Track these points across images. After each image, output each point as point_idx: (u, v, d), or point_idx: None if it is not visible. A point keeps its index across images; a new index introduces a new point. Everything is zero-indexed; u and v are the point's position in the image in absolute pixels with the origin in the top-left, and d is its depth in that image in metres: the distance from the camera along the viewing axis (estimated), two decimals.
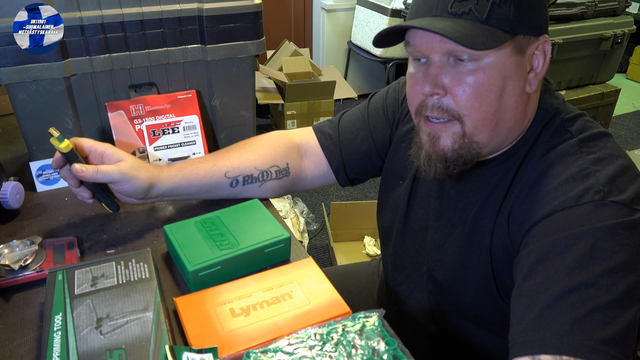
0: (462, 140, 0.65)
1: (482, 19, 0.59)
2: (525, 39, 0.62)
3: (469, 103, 0.62)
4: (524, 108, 0.66)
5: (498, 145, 0.68)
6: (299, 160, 0.89)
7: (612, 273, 0.53)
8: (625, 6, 2.76)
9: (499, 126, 0.65)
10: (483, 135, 0.65)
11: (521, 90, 0.64)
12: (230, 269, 0.70)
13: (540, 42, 0.63)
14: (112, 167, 0.73)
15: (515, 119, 0.65)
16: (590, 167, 0.60)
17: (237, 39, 0.98)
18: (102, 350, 0.53)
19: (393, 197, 0.86)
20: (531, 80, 0.65)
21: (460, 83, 0.62)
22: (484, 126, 0.64)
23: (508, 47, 0.61)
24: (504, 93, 0.63)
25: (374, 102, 0.89)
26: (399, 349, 0.52)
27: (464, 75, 0.62)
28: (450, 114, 0.64)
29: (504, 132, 0.66)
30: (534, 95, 0.67)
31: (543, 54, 0.64)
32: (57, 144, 0.71)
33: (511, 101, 0.64)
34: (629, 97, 3.84)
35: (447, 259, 0.75)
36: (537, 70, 0.64)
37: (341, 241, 2.16)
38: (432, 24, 0.60)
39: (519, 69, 0.63)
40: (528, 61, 0.64)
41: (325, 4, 3.36)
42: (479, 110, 0.63)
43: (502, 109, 0.63)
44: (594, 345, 0.50)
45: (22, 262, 0.69)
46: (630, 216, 0.56)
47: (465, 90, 0.62)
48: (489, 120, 0.64)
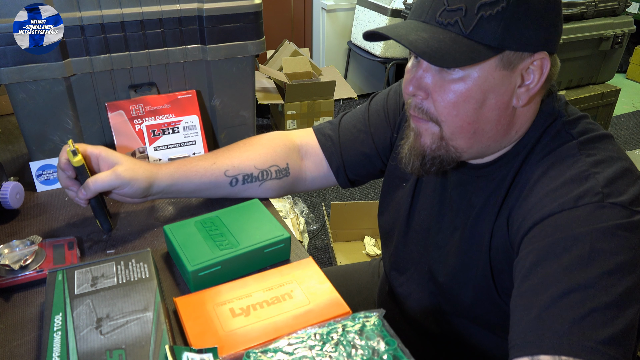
0: (440, 142, 0.66)
1: (465, 32, 0.59)
2: (516, 54, 0.60)
3: (446, 110, 0.64)
4: (509, 120, 0.65)
5: (482, 151, 0.68)
6: (299, 160, 0.89)
7: (611, 274, 0.53)
8: (625, 6, 2.76)
9: (478, 135, 0.65)
10: (460, 142, 0.66)
11: (505, 105, 0.63)
12: (230, 269, 0.70)
13: (536, 58, 0.61)
14: (108, 175, 0.73)
15: (496, 130, 0.65)
16: (590, 169, 0.60)
17: (237, 39, 0.98)
18: (102, 350, 0.53)
19: (395, 198, 0.86)
20: (521, 95, 0.63)
21: (441, 89, 0.63)
22: (461, 133, 0.65)
23: (493, 61, 0.60)
24: (483, 105, 0.63)
25: (375, 104, 0.89)
26: (399, 349, 0.52)
27: (446, 82, 0.62)
28: (429, 116, 0.66)
29: (484, 141, 0.66)
30: (528, 105, 0.65)
31: (540, 70, 0.62)
32: (71, 157, 0.71)
33: (492, 114, 0.63)
34: (629, 97, 3.84)
35: (448, 260, 0.75)
36: (530, 85, 0.63)
37: (341, 241, 2.16)
38: (409, 33, 0.60)
39: (505, 84, 0.62)
40: (519, 76, 0.62)
41: (325, 4, 3.36)
42: (456, 119, 0.64)
43: (480, 120, 0.64)
44: (593, 346, 0.50)
45: (22, 262, 0.69)
46: (630, 218, 0.56)
47: (443, 97, 0.63)
48: (465, 128, 0.64)
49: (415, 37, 0.59)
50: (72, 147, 0.71)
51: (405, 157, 0.71)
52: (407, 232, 0.83)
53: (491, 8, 0.57)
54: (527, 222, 0.61)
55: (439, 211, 0.77)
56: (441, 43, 0.59)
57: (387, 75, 3.34)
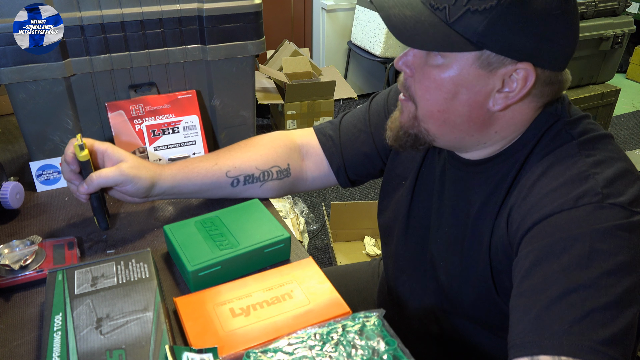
0: (414, 121, 0.69)
1: (448, 21, 0.59)
2: (497, 57, 0.60)
3: (420, 92, 0.66)
4: (484, 120, 0.65)
5: (458, 143, 0.69)
6: (300, 161, 0.89)
7: (611, 274, 0.53)
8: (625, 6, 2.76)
9: (448, 125, 0.66)
10: (431, 126, 0.67)
11: (478, 104, 0.63)
12: (230, 269, 0.70)
13: (519, 67, 0.60)
14: (112, 170, 0.73)
15: (468, 126, 0.65)
16: (590, 169, 0.60)
17: (237, 39, 0.98)
18: (102, 350, 0.53)
19: (395, 197, 0.86)
20: (498, 100, 0.63)
21: (421, 72, 0.65)
22: (431, 119, 0.66)
23: (470, 57, 0.60)
24: (455, 98, 0.63)
25: (375, 104, 0.89)
26: (399, 349, 0.52)
27: (427, 67, 0.64)
28: (409, 95, 0.68)
29: (456, 133, 0.66)
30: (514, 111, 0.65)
31: (523, 81, 0.60)
32: (77, 152, 0.72)
33: (462, 109, 0.64)
34: (629, 97, 3.84)
35: (448, 258, 0.75)
36: (510, 94, 0.62)
37: (341, 241, 2.16)
38: (394, 7, 0.61)
39: (480, 84, 0.61)
40: (500, 80, 0.61)
41: (325, 4, 3.36)
42: (427, 103, 0.65)
43: (450, 111, 0.64)
44: (592, 346, 0.50)
45: (22, 262, 0.69)
46: (629, 218, 0.56)
47: (421, 80, 0.65)
48: (434, 115, 0.66)
49: (397, 12, 0.61)
50: (80, 141, 0.71)
51: (388, 129, 0.74)
52: (407, 230, 0.83)
53: (480, 4, 0.57)
54: (527, 222, 0.61)
55: (438, 208, 0.77)
56: (418, 24, 0.59)
57: (387, 75, 3.34)
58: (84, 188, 0.73)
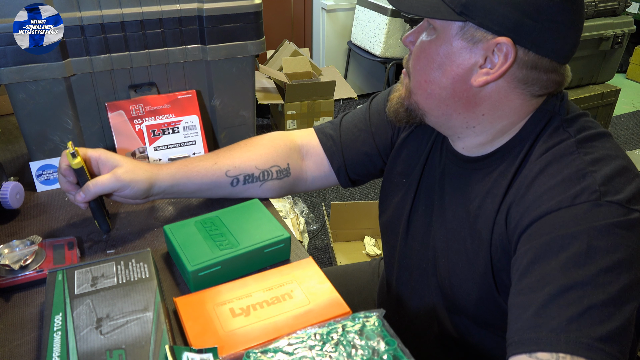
0: (408, 94, 0.72)
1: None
2: (479, 31, 0.61)
3: (413, 63, 0.70)
4: (468, 97, 0.66)
5: (447, 122, 0.70)
6: (300, 160, 0.89)
7: (608, 272, 0.53)
8: (625, 6, 2.76)
9: (433, 98, 0.68)
10: (419, 98, 0.70)
11: (459, 77, 0.65)
12: (230, 269, 0.70)
13: (499, 41, 0.60)
14: (108, 177, 0.73)
15: (454, 101, 0.67)
16: (587, 167, 0.60)
17: (237, 39, 0.98)
18: (102, 350, 0.53)
19: (396, 196, 0.86)
20: (479, 75, 0.64)
21: (417, 45, 0.69)
22: (419, 89, 0.70)
23: (454, 28, 0.63)
24: (439, 69, 0.66)
25: (375, 104, 0.89)
26: (399, 349, 0.52)
27: (422, 40, 0.68)
28: (407, 69, 0.72)
29: (444, 108, 0.69)
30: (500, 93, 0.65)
31: (504, 57, 0.61)
32: (70, 159, 0.71)
33: (446, 81, 0.66)
34: (629, 97, 3.84)
35: (449, 256, 0.75)
36: (491, 70, 0.63)
37: (341, 241, 2.16)
38: None
39: (462, 56, 0.64)
40: (481, 55, 0.63)
41: (325, 4, 3.36)
42: (417, 73, 0.69)
43: (434, 82, 0.67)
44: (590, 343, 0.50)
45: (22, 262, 0.69)
46: (627, 216, 0.56)
47: (416, 52, 0.69)
48: (422, 86, 0.69)
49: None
50: (71, 149, 0.71)
51: (389, 101, 0.77)
52: (409, 228, 0.83)
53: None
54: (525, 220, 0.61)
55: (440, 206, 0.77)
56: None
57: (387, 75, 3.34)
58: (80, 197, 0.73)
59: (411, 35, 0.71)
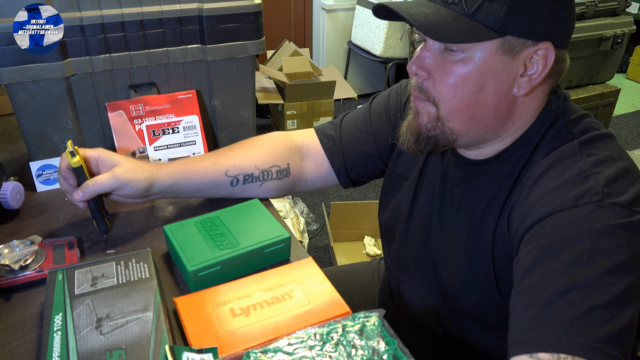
0: (436, 122, 0.67)
1: (468, 12, 0.60)
2: (519, 41, 0.61)
3: (444, 90, 0.65)
4: (508, 109, 0.65)
5: (479, 138, 0.68)
6: (300, 161, 0.89)
7: (610, 273, 0.53)
8: (625, 6, 2.76)
9: (475, 119, 0.66)
10: (457, 124, 0.66)
11: (505, 91, 0.64)
12: (230, 269, 0.70)
13: (540, 47, 0.61)
14: (106, 176, 0.73)
15: (495, 117, 0.65)
16: (590, 169, 0.60)
17: (237, 39, 0.98)
18: (102, 350, 0.53)
19: (396, 197, 0.86)
20: (522, 84, 0.63)
21: (441, 70, 0.64)
22: (457, 115, 0.66)
23: (494, 45, 0.61)
24: (482, 89, 0.63)
25: (376, 105, 0.89)
26: (399, 349, 0.52)
27: (448, 63, 0.63)
28: (427, 95, 0.67)
29: (482, 127, 0.66)
30: (531, 97, 0.66)
31: (544, 60, 0.62)
32: (69, 158, 0.71)
33: (491, 99, 0.64)
34: (629, 97, 3.84)
35: (451, 257, 0.75)
36: (533, 75, 0.63)
37: (341, 241, 2.16)
38: (412, 7, 0.61)
39: (506, 70, 0.62)
40: (522, 65, 0.62)
41: (325, 4, 3.36)
42: (453, 100, 0.65)
43: (478, 104, 0.64)
44: (592, 344, 0.50)
45: (22, 262, 0.69)
46: (629, 217, 0.56)
47: (443, 78, 0.64)
48: (462, 111, 0.65)
49: (417, 11, 0.61)
50: (70, 147, 0.71)
51: (403, 135, 0.72)
52: (408, 229, 0.83)
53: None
54: (527, 221, 0.61)
55: (440, 208, 0.77)
56: (441, 19, 0.60)
57: (387, 75, 3.34)
58: (78, 195, 0.73)
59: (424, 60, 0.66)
